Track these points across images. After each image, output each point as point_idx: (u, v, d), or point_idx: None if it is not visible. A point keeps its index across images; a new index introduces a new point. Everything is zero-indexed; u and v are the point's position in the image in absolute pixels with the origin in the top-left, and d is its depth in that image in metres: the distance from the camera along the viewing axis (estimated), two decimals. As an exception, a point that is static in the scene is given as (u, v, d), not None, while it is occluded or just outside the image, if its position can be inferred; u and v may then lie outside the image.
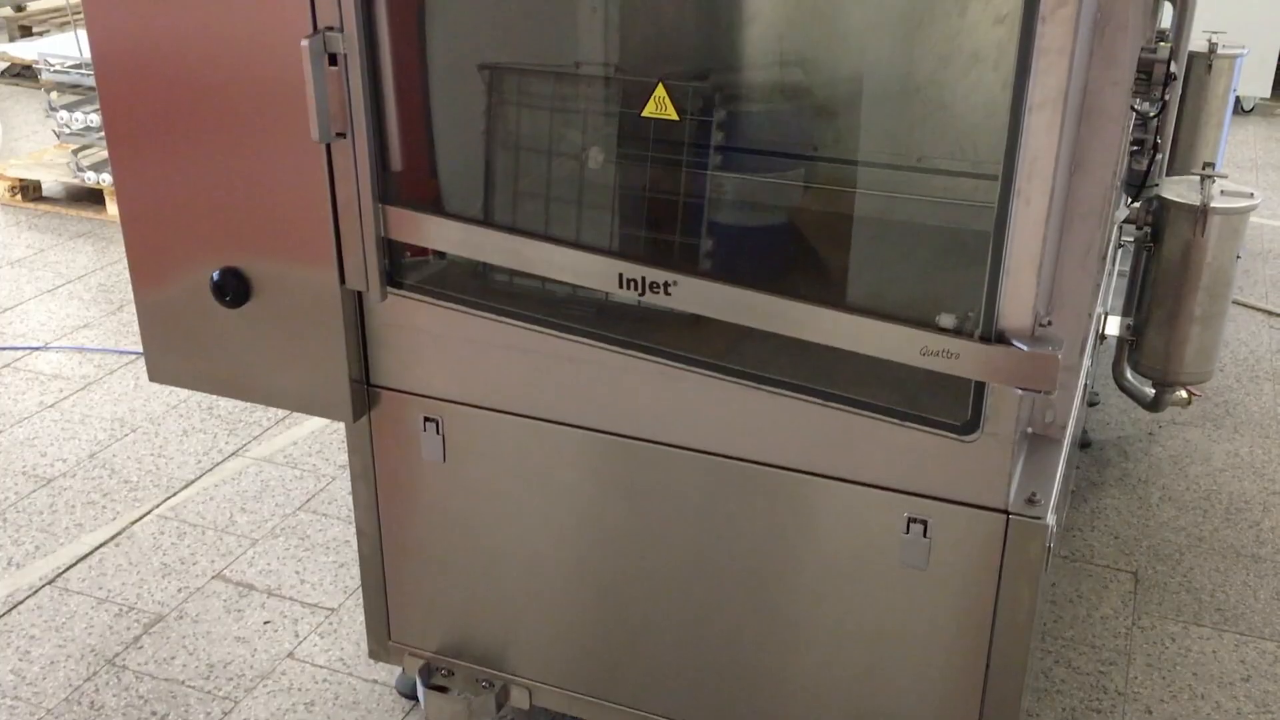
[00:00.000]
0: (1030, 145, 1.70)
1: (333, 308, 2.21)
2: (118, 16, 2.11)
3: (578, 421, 2.22)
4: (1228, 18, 5.31)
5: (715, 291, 1.98)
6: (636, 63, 2.46)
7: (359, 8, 1.97)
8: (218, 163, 2.17)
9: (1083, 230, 2.00)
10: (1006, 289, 1.80)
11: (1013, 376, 1.82)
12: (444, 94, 2.27)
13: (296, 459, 3.65)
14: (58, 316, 4.56)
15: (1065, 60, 1.64)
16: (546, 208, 2.37)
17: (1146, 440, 3.87)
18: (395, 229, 2.14)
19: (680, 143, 2.25)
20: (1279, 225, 5.74)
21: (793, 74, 2.52)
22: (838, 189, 2.48)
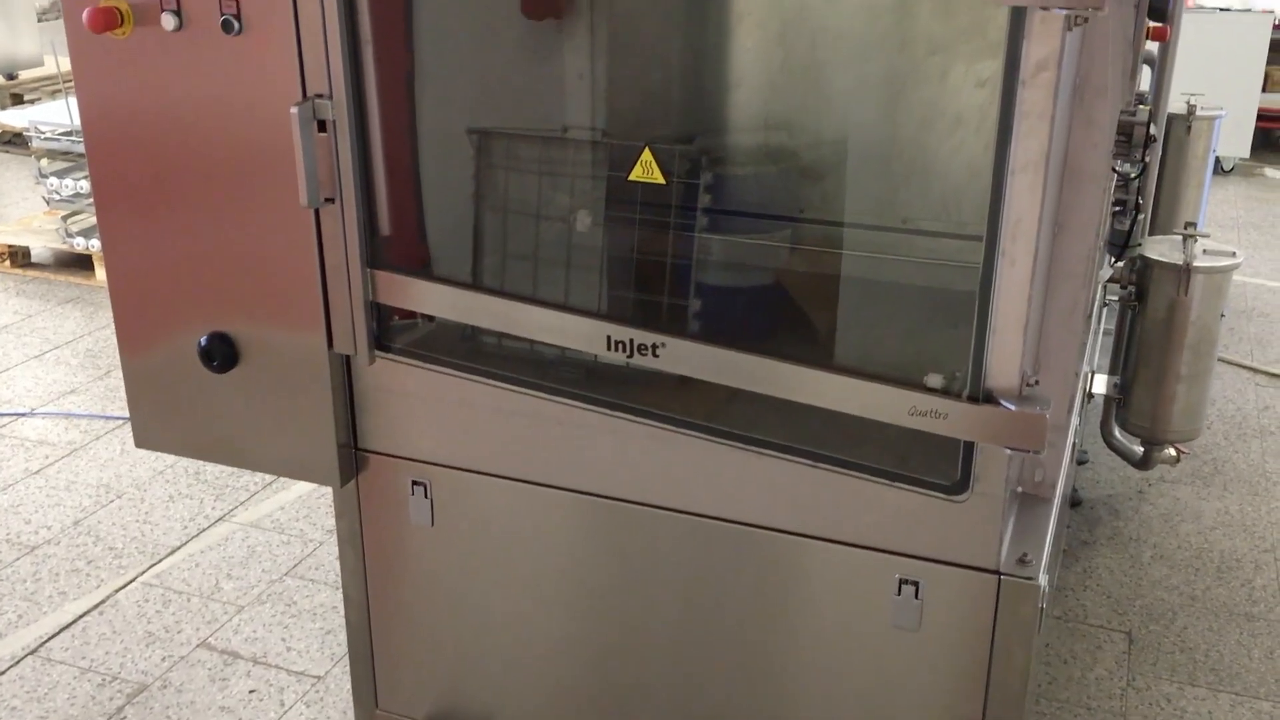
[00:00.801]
0: (1013, 207, 1.72)
1: (320, 372, 2.21)
2: (107, 83, 2.13)
3: (567, 484, 2.21)
4: (1205, 80, 5.40)
5: (703, 353, 1.98)
6: (623, 127, 2.49)
7: (348, 75, 1.99)
8: (206, 228, 2.17)
9: (1067, 290, 2.01)
10: (993, 349, 1.80)
11: (1001, 436, 1.82)
12: (432, 158, 2.29)
13: (284, 524, 3.62)
14: (44, 382, 4.54)
15: (1046, 124, 1.66)
16: (535, 270, 2.38)
17: (1136, 498, 3.87)
18: (383, 293, 2.14)
19: (667, 205, 2.27)
20: (1262, 283, 5.79)
21: (778, 137, 2.55)
22: (824, 250, 2.50)
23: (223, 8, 1.99)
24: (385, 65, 2.07)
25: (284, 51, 2.00)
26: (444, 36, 2.32)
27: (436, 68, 2.30)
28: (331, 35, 1.96)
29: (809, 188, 2.53)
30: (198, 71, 2.06)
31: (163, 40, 2.06)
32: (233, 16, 1.99)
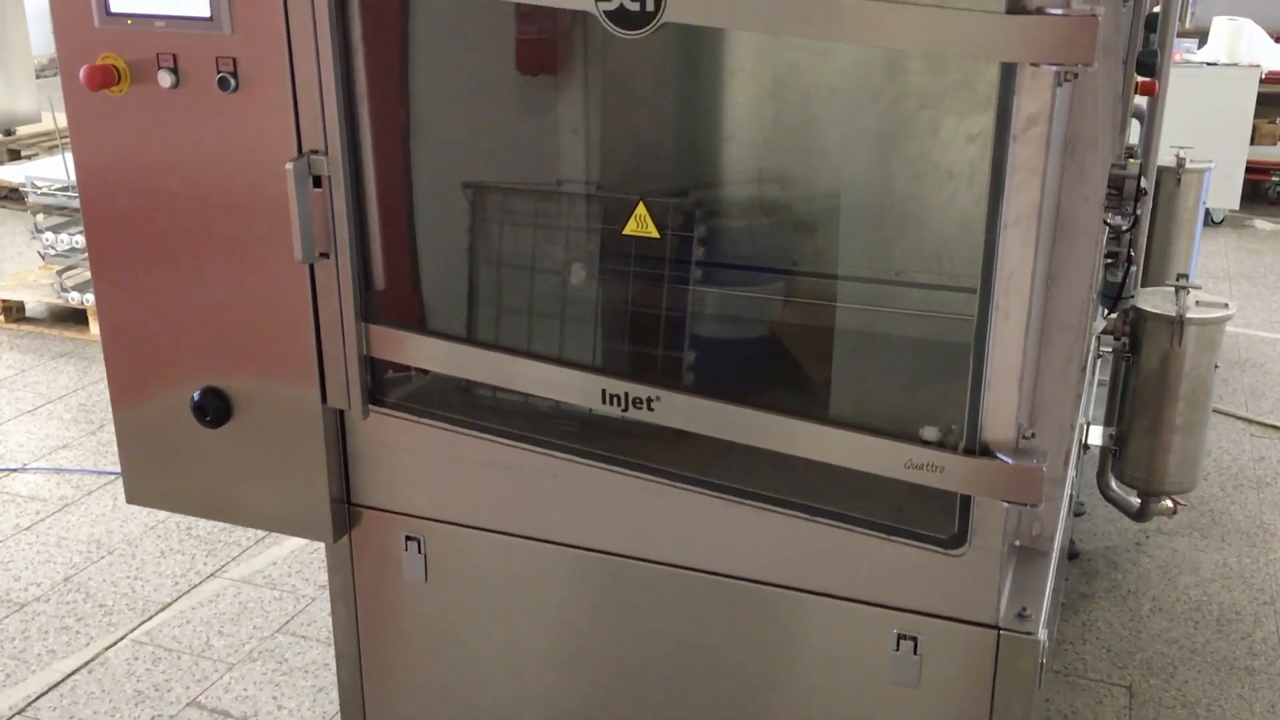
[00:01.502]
0: (1007, 261, 1.73)
1: (314, 427, 2.20)
2: (103, 140, 2.14)
3: (562, 539, 2.19)
4: (1194, 133, 5.45)
5: (698, 407, 1.98)
6: (617, 180, 2.50)
7: (343, 131, 2.00)
8: (201, 282, 2.17)
9: (1061, 343, 2.01)
10: (989, 402, 1.80)
11: (998, 489, 1.81)
12: (427, 212, 2.30)
13: (276, 579, 3.59)
14: (37, 437, 4.52)
15: (1038, 178, 1.67)
16: (530, 323, 2.38)
17: (1134, 550, 3.85)
18: (378, 347, 2.14)
19: (661, 258, 2.28)
20: (1254, 334, 5.81)
21: (771, 190, 2.56)
22: (818, 303, 2.50)
23: (219, 65, 2.01)
24: (380, 121, 2.08)
25: (280, 108, 2.01)
26: (440, 92, 2.34)
27: (432, 123, 2.31)
28: (327, 92, 1.97)
29: (802, 241, 2.54)
30: (193, 128, 2.07)
31: (159, 97, 2.07)
32: (229, 74, 2.01)
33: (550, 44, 2.42)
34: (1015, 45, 1.61)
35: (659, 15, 1.76)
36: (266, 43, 1.98)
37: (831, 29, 1.73)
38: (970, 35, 1.64)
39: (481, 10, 2.16)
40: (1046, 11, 1.58)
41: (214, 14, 1.98)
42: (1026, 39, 1.60)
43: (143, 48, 2.05)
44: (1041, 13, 1.58)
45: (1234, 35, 7.38)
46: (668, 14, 1.76)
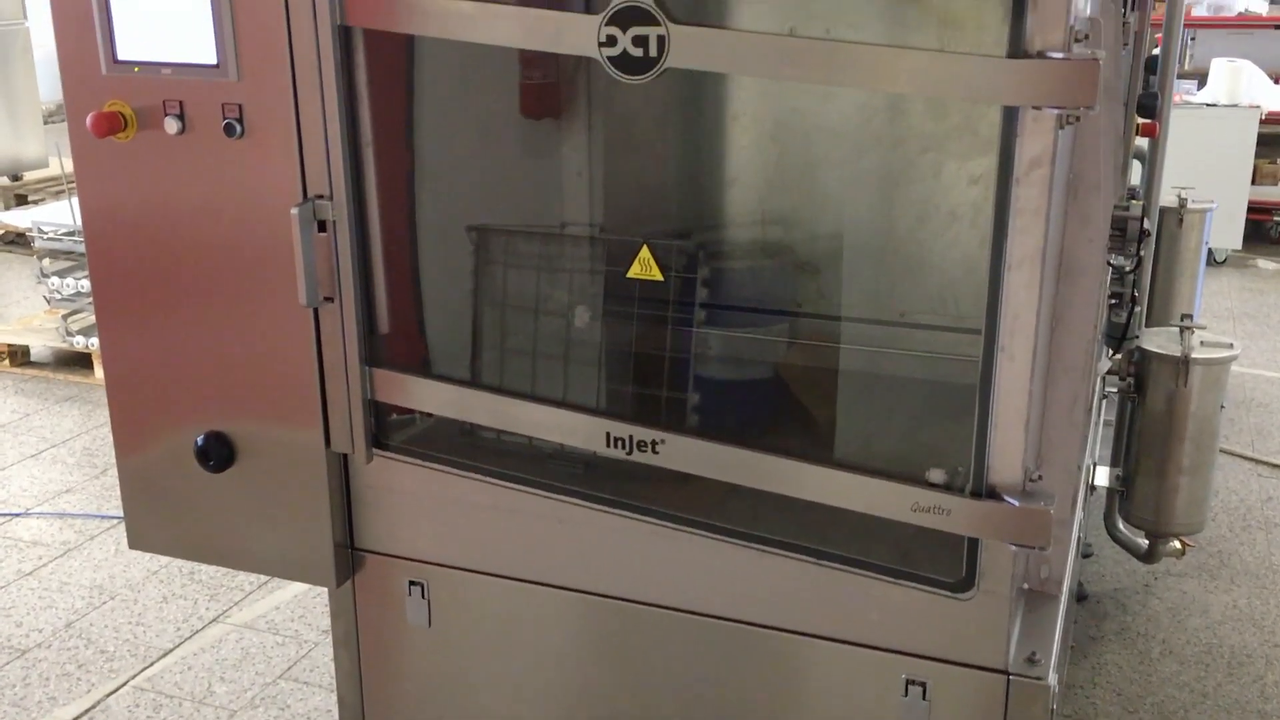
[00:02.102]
0: (1011, 302, 1.72)
1: (317, 471, 2.19)
2: (109, 185, 2.15)
3: (567, 583, 2.18)
4: (1196, 174, 5.47)
5: (703, 450, 1.97)
6: (620, 223, 2.51)
7: (348, 176, 2.01)
8: (205, 326, 2.18)
9: (1067, 384, 2.00)
10: (995, 444, 1.79)
11: (1006, 532, 1.80)
12: (431, 255, 2.30)
13: (278, 624, 3.57)
14: (40, 481, 4.51)
15: (1041, 220, 1.67)
16: (534, 366, 2.37)
17: (1143, 592, 3.81)
18: (382, 391, 2.14)
19: (665, 300, 2.28)
20: (1259, 374, 5.80)
21: (774, 232, 2.57)
22: (822, 344, 2.50)
23: (225, 112, 2.02)
24: (385, 165, 2.09)
25: (285, 154, 2.02)
26: (444, 136, 2.35)
27: (437, 166, 2.33)
28: (333, 138, 1.99)
29: (806, 282, 2.54)
30: (199, 173, 2.08)
31: (165, 143, 2.08)
32: (235, 120, 2.02)
33: (554, 88, 2.44)
34: (1017, 89, 1.62)
35: (661, 61, 1.77)
36: (272, 89, 1.99)
37: (833, 74, 1.74)
38: (972, 79, 1.65)
39: (485, 55, 2.17)
40: (1048, 55, 1.59)
41: (221, 61, 2.00)
42: (1028, 82, 1.60)
43: (149, 94, 2.07)
44: (1043, 56, 1.59)
45: (1233, 77, 7.42)
46: (670, 60, 1.77)
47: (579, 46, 1.83)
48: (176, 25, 2.01)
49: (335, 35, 1.93)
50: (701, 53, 1.77)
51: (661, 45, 1.77)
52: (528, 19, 1.86)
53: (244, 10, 1.96)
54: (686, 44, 1.76)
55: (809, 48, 1.74)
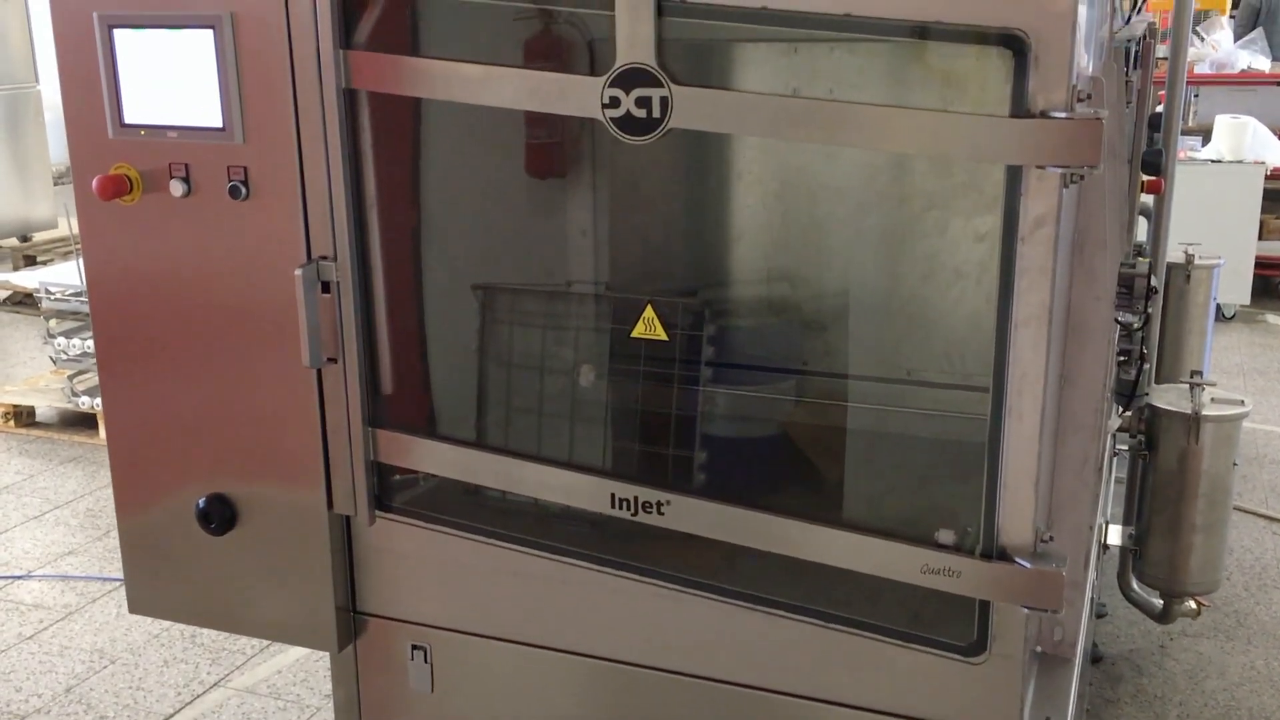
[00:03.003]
0: (1018, 362, 1.71)
1: (319, 533, 2.17)
2: (115, 247, 2.16)
3: (571, 647, 2.15)
4: (1202, 230, 5.47)
5: (709, 511, 1.95)
6: (626, 281, 2.50)
7: (352, 237, 2.01)
8: (208, 387, 2.17)
9: (1077, 443, 1.98)
10: (1005, 505, 1.77)
11: (1017, 595, 1.77)
12: (436, 314, 2.30)
13: (280, 689, 3.52)
14: (42, 544, 4.48)
15: (1047, 279, 1.66)
16: (539, 425, 2.36)
17: (1159, 653, 3.75)
18: (385, 452, 2.12)
19: (671, 358, 2.27)
20: (1271, 430, 5.75)
21: (780, 290, 2.56)
22: (829, 402, 2.48)
23: (230, 174, 2.03)
24: (389, 226, 2.09)
25: (290, 215, 2.02)
26: (449, 196, 2.36)
27: (442, 226, 2.33)
28: (337, 199, 1.99)
29: (812, 340, 2.53)
30: (204, 235, 2.08)
31: (171, 205, 2.09)
32: (240, 182, 2.03)
33: (559, 147, 2.45)
34: (1021, 148, 1.61)
35: (665, 122, 1.78)
36: (277, 151, 2.00)
37: (837, 134, 1.74)
38: (975, 139, 1.65)
39: (490, 115, 2.18)
40: (1051, 115, 1.59)
41: (226, 124, 2.01)
42: (1032, 142, 1.60)
43: (155, 157, 2.08)
44: (1046, 116, 1.59)
45: (1237, 133, 7.45)
46: (674, 121, 1.77)
47: (583, 108, 1.83)
48: (183, 89, 2.02)
49: (340, 98, 1.94)
50: (704, 113, 1.77)
51: (665, 106, 1.77)
52: (531, 81, 1.87)
53: (250, 74, 1.97)
54: (689, 105, 1.76)
55: (812, 108, 1.74)
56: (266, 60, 1.96)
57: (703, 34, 1.87)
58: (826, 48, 2.04)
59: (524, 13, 1.99)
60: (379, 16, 1.96)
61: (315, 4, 1.90)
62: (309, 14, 1.91)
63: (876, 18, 1.66)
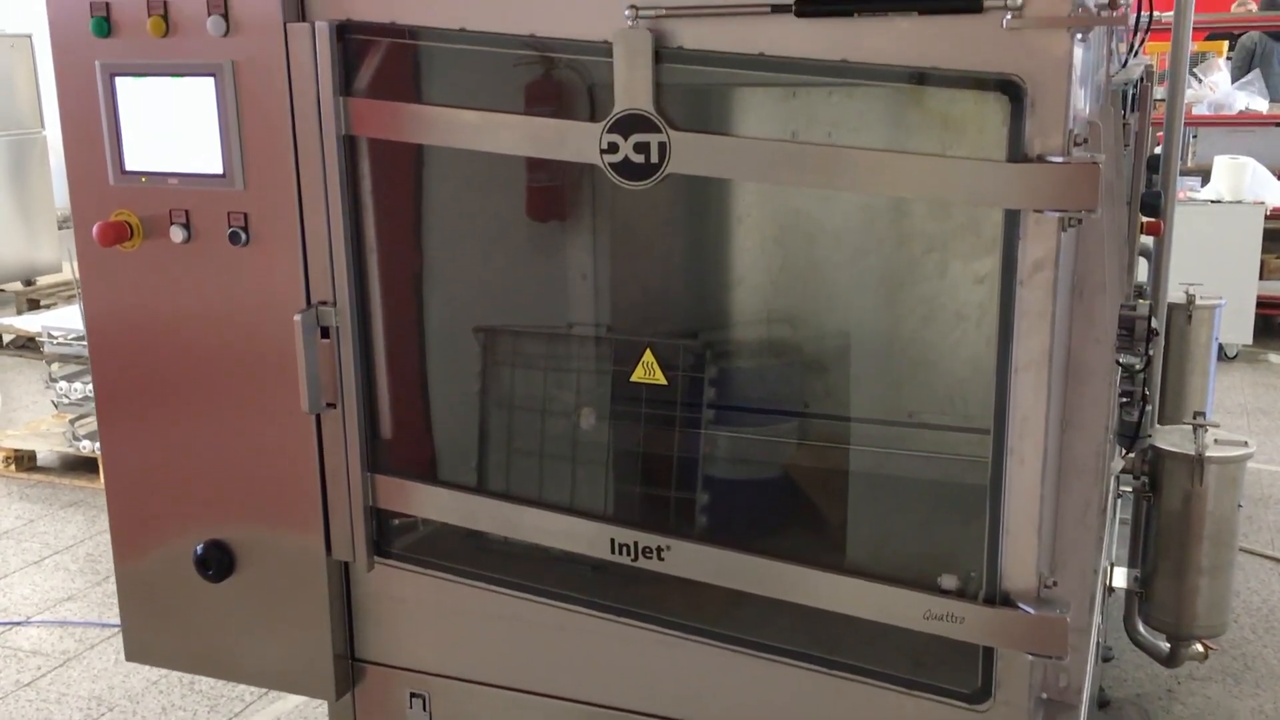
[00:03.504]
0: (1019, 405, 1.70)
1: (317, 580, 2.16)
2: (115, 292, 2.16)
3: (572, 694, 2.12)
4: (1203, 270, 5.47)
5: (709, 556, 1.94)
6: (627, 323, 2.50)
7: (352, 283, 2.01)
8: (207, 432, 2.16)
9: (1079, 487, 1.97)
10: (1008, 550, 1.76)
11: (1021, 641, 1.75)
12: (436, 358, 2.30)
13: (279, 736, 3.48)
14: (41, 589, 4.46)
15: (1046, 323, 1.66)
16: (540, 467, 2.35)
17: (1166, 698, 3.71)
18: (384, 498, 2.11)
19: (671, 401, 2.26)
20: (1276, 470, 5.73)
21: (780, 331, 2.56)
22: (830, 445, 2.47)
23: (231, 220, 2.03)
24: (389, 271, 2.09)
25: (289, 261, 2.03)
26: (448, 240, 2.36)
27: (441, 270, 2.33)
28: (336, 245, 1.99)
29: (813, 382, 2.53)
30: (204, 281, 2.09)
31: (171, 251, 2.09)
32: (240, 229, 2.03)
33: (560, 191, 2.45)
34: (1018, 193, 1.62)
35: (663, 167, 1.78)
36: (277, 198, 2.01)
37: (834, 179, 1.75)
38: (973, 183, 1.66)
39: (490, 159, 2.19)
40: (1048, 159, 1.59)
41: (227, 171, 2.02)
42: (1029, 186, 1.60)
43: (156, 204, 2.08)
44: (1043, 160, 1.59)
45: (1236, 173, 7.48)
46: (672, 166, 1.78)
47: (581, 153, 1.84)
48: (184, 136, 2.03)
49: (340, 145, 1.95)
50: (702, 159, 1.78)
51: (663, 152, 1.78)
52: (530, 127, 1.88)
53: (250, 121, 1.98)
54: (687, 150, 1.77)
55: (809, 153, 1.75)
56: (267, 107, 1.97)
57: (702, 80, 1.88)
58: (825, 92, 2.05)
59: (525, 58, 2.00)
60: (378, 64, 1.97)
61: (315, 52, 1.91)
62: (309, 62, 1.92)
63: (873, 64, 1.67)
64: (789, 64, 1.71)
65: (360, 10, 1.92)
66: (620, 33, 1.75)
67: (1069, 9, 1.55)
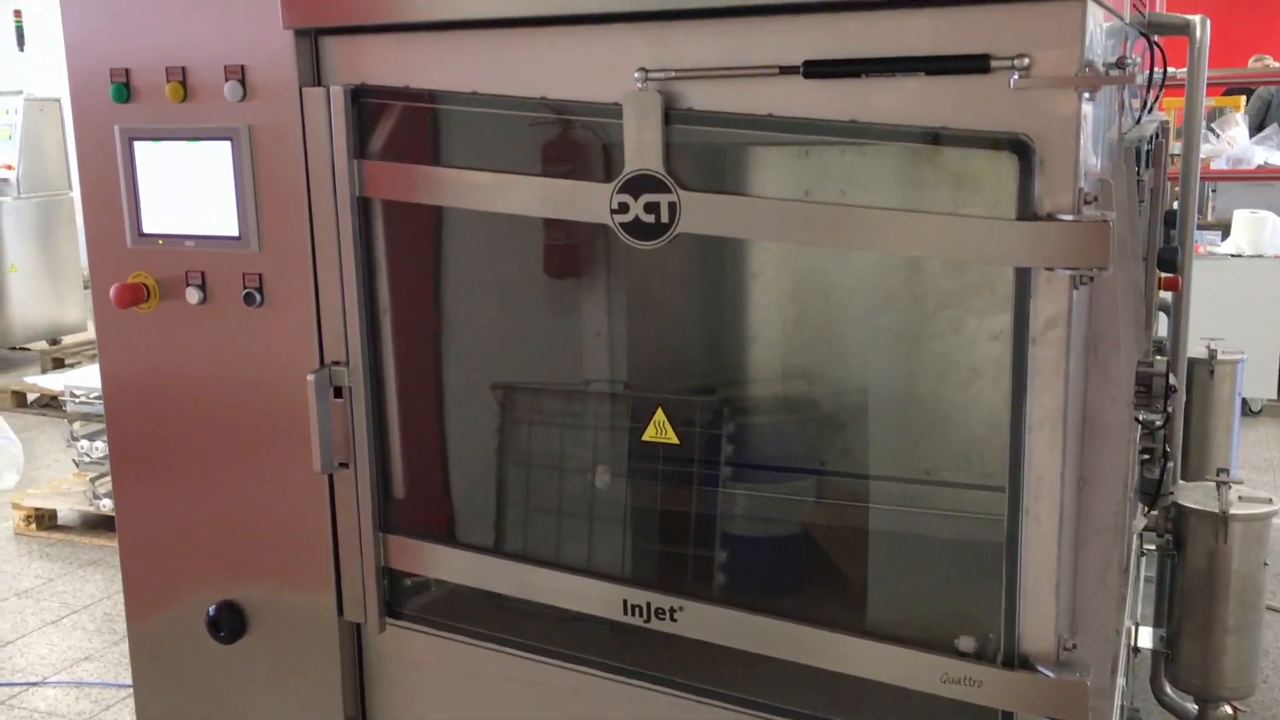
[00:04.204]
0: (1034, 464, 1.69)
1: (329, 641, 2.14)
2: (131, 352, 2.18)
3: (585, 759, 2.09)
4: (1225, 324, 5.43)
5: (723, 617, 1.91)
6: (642, 380, 2.50)
7: (365, 343, 2.02)
8: (220, 492, 2.17)
9: (1098, 546, 1.94)
10: (1025, 612, 1.73)
11: (1041, 706, 1.72)
12: (448, 419, 2.29)
13: (293, 800, 3.44)
14: (59, 649, 4.45)
15: (1060, 380, 1.65)
16: (553, 527, 2.33)
17: (1196, 761, 3.63)
18: (396, 558, 2.10)
19: (687, 458, 2.25)
20: (1304, 526, 5.63)
21: (796, 387, 2.55)
22: (846, 503, 2.45)
23: (246, 282, 2.05)
24: (403, 331, 2.10)
25: (303, 321, 2.04)
26: (461, 298, 2.37)
27: (455, 329, 2.33)
28: (350, 306, 2.00)
29: (829, 439, 2.51)
30: (219, 341, 2.10)
31: (186, 312, 2.11)
32: (255, 290, 2.05)
33: (576, 249, 2.46)
34: (1028, 251, 1.61)
35: (673, 227, 1.79)
36: (292, 259, 2.02)
37: (845, 238, 1.75)
38: (984, 241, 1.65)
39: (504, 218, 2.20)
40: (1058, 217, 1.59)
41: (242, 233, 2.04)
42: (1039, 244, 1.60)
43: (173, 266, 2.11)
44: (1053, 218, 1.59)
45: (1256, 228, 7.45)
46: (682, 226, 1.78)
47: (592, 214, 1.85)
48: (200, 199, 2.05)
49: (354, 206, 1.97)
50: (712, 218, 1.78)
51: (673, 212, 1.78)
52: (542, 188, 1.89)
53: (266, 184, 2.01)
54: (697, 210, 1.77)
55: (819, 212, 1.75)
56: (282, 170, 1.99)
57: (712, 140, 1.89)
58: (838, 150, 2.06)
59: (540, 119, 2.02)
60: (392, 126, 1.99)
61: (330, 115, 1.94)
62: (324, 125, 1.95)
63: (882, 124, 1.67)
64: (798, 124, 1.72)
65: (374, 74, 1.95)
66: (630, 94, 1.77)
67: (1076, 68, 1.55)
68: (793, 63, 1.68)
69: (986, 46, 1.59)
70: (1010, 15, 1.58)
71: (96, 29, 2.08)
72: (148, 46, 2.03)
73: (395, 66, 1.93)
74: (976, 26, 1.60)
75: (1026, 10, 1.57)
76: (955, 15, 1.61)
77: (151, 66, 2.03)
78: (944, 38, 1.62)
